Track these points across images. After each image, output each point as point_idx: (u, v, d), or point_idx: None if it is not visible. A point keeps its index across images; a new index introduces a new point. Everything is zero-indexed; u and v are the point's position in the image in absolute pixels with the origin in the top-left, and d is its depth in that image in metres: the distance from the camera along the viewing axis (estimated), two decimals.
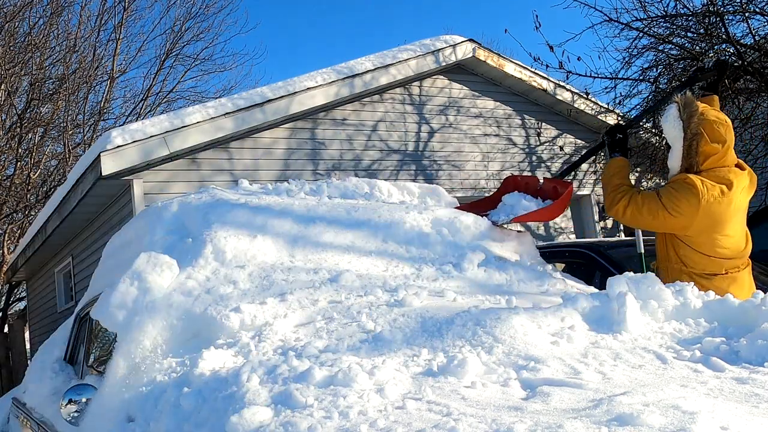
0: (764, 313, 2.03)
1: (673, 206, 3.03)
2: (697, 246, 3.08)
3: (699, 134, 3.06)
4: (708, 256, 3.08)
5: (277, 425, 1.53)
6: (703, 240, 3.07)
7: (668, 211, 3.03)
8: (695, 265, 3.09)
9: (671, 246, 3.16)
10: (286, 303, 2.44)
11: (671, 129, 3.14)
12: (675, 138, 3.14)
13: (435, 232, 3.05)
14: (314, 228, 2.98)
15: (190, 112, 6.92)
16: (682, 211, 3.02)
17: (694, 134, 3.07)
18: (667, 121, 3.16)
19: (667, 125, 3.16)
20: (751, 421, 1.34)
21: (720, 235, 3.08)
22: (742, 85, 7.90)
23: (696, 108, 3.11)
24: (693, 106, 3.12)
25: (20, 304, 17.75)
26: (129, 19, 16.35)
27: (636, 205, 3.12)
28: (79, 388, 2.63)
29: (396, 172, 8.08)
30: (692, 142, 3.08)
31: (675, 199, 3.04)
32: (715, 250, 3.08)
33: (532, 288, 2.79)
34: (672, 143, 3.17)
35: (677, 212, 3.03)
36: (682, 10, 7.64)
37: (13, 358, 12.11)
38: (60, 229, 8.73)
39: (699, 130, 3.06)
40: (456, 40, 8.47)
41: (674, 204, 3.03)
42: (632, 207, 3.13)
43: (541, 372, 1.74)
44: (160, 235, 2.98)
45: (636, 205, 3.12)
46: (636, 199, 3.14)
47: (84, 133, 15.42)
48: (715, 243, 3.08)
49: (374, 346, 2.00)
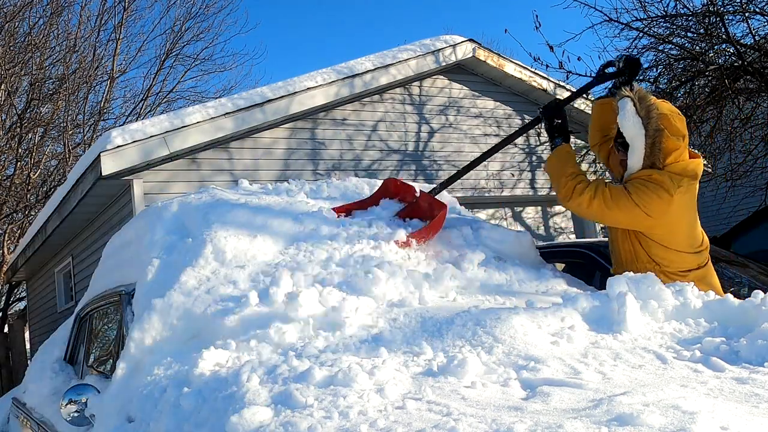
0: (764, 313, 2.03)
1: (644, 204, 2.88)
2: (669, 243, 2.97)
3: (661, 130, 2.90)
4: (682, 252, 2.98)
5: (277, 425, 1.53)
6: (675, 236, 2.97)
7: (640, 205, 2.88)
8: (670, 264, 2.98)
9: (640, 246, 3.01)
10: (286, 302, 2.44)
11: (631, 127, 2.91)
12: (635, 136, 2.92)
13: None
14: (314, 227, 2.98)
15: (190, 112, 6.92)
16: (653, 210, 2.89)
17: (656, 130, 2.89)
18: (624, 117, 2.91)
19: (626, 122, 2.91)
20: (751, 421, 1.34)
21: (691, 229, 3.01)
22: (742, 85, 7.90)
23: (652, 101, 2.94)
24: (648, 100, 2.94)
25: (20, 304, 17.75)
26: (129, 19, 16.37)
27: (604, 199, 2.93)
28: (79, 388, 2.63)
29: (396, 172, 8.08)
30: (655, 139, 2.90)
31: (646, 196, 2.88)
32: (688, 244, 2.99)
33: (532, 288, 2.79)
34: (632, 141, 2.94)
35: (648, 210, 2.89)
36: (682, 10, 7.65)
37: (13, 358, 12.11)
38: (60, 229, 8.73)
39: (659, 125, 2.90)
40: (456, 40, 8.47)
41: (645, 202, 2.88)
42: (599, 200, 2.93)
43: (541, 372, 1.74)
44: (160, 235, 2.97)
45: (604, 198, 2.93)
46: (604, 192, 2.94)
47: (84, 133, 15.43)
48: (687, 237, 3.00)
49: (374, 346, 2.00)
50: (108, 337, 3.27)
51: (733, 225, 8.00)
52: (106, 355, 3.18)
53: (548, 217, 9.41)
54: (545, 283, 2.86)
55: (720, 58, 7.98)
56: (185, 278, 2.62)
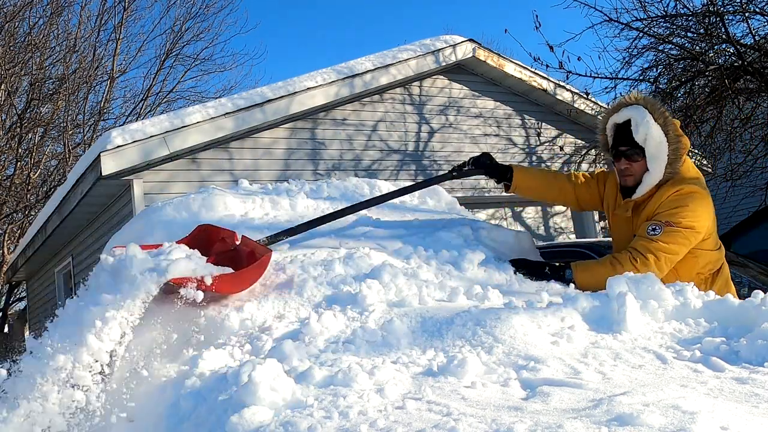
0: (764, 313, 2.02)
1: (697, 223, 2.77)
2: (708, 246, 2.91)
3: (680, 137, 2.83)
4: (713, 251, 2.95)
5: (277, 425, 1.53)
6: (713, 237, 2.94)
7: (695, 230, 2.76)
8: (714, 264, 2.93)
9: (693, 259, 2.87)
10: (286, 303, 2.44)
11: (656, 135, 2.80)
12: (659, 145, 2.80)
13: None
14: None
15: (190, 112, 6.93)
16: (704, 223, 2.80)
17: (676, 137, 2.82)
18: (649, 127, 2.79)
19: (652, 132, 2.79)
20: (751, 421, 1.34)
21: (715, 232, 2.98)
22: (742, 85, 7.91)
23: (660, 106, 2.86)
24: (659, 104, 2.87)
25: (20, 304, 17.75)
26: (129, 19, 16.41)
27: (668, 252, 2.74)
28: None
29: (396, 172, 8.08)
30: (677, 146, 2.82)
31: (691, 214, 2.77)
32: (715, 242, 2.96)
33: (532, 288, 2.79)
34: (656, 152, 2.81)
35: (701, 226, 2.79)
36: (682, 10, 7.65)
37: None
38: (60, 229, 8.73)
39: (677, 132, 2.82)
40: (456, 40, 8.47)
41: (697, 221, 2.78)
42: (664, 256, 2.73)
43: (541, 372, 1.74)
44: (159, 235, 2.97)
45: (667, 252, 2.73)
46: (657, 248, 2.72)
47: (84, 133, 15.44)
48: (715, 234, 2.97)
49: (374, 346, 2.00)
50: None
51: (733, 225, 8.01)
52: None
53: (548, 217, 9.41)
54: (545, 283, 2.85)
55: (720, 58, 7.98)
56: None
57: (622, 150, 2.89)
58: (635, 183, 2.90)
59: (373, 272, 2.54)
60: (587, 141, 9.30)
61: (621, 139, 2.90)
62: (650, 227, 2.78)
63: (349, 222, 3.18)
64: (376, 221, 3.24)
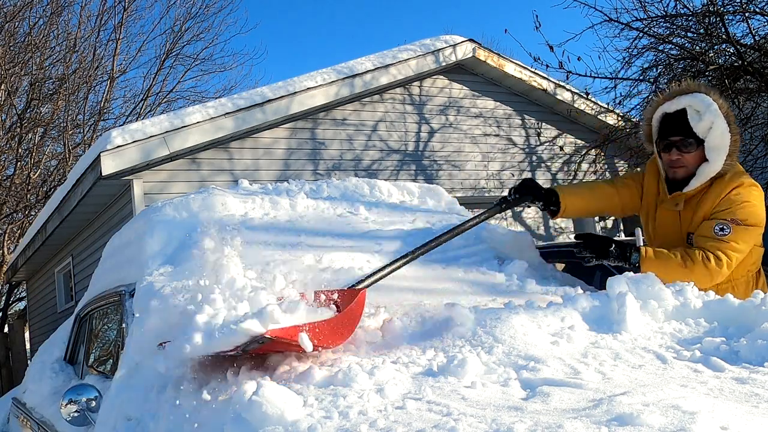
0: (764, 313, 2.02)
1: (761, 219, 2.70)
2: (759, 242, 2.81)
3: (737, 128, 2.73)
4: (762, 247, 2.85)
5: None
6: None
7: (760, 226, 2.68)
8: (758, 262, 2.84)
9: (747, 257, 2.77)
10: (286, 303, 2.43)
11: (721, 125, 2.68)
12: (722, 135, 2.69)
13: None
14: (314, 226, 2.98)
15: (190, 112, 6.93)
16: (764, 218, 2.72)
17: (736, 127, 2.72)
18: (717, 115, 2.67)
19: (719, 121, 2.68)
20: (751, 421, 1.34)
21: None
22: (742, 85, 7.90)
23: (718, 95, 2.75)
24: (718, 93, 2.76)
25: (20, 304, 17.75)
26: (129, 19, 16.39)
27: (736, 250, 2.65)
28: (79, 388, 2.63)
29: (396, 172, 8.09)
30: (737, 137, 2.72)
31: (754, 210, 2.68)
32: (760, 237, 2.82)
33: (532, 288, 2.79)
34: (720, 142, 2.70)
35: (764, 222, 2.71)
36: (682, 10, 7.65)
37: (13, 358, 12.12)
38: (60, 229, 8.74)
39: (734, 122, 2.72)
40: (456, 40, 8.47)
41: (758, 216, 2.69)
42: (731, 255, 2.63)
43: (541, 372, 1.74)
44: (159, 234, 2.97)
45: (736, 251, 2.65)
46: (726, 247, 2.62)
47: (84, 133, 15.44)
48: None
49: (374, 346, 2.00)
50: (108, 337, 3.27)
51: None
52: (106, 355, 3.18)
53: (548, 217, 9.40)
54: (545, 283, 2.85)
55: (720, 58, 7.98)
56: (185, 278, 2.61)
57: (674, 140, 2.74)
58: (687, 175, 2.77)
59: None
60: (587, 141, 9.30)
61: (672, 129, 2.75)
62: (717, 227, 2.65)
63: (347, 221, 3.18)
64: (375, 221, 3.24)
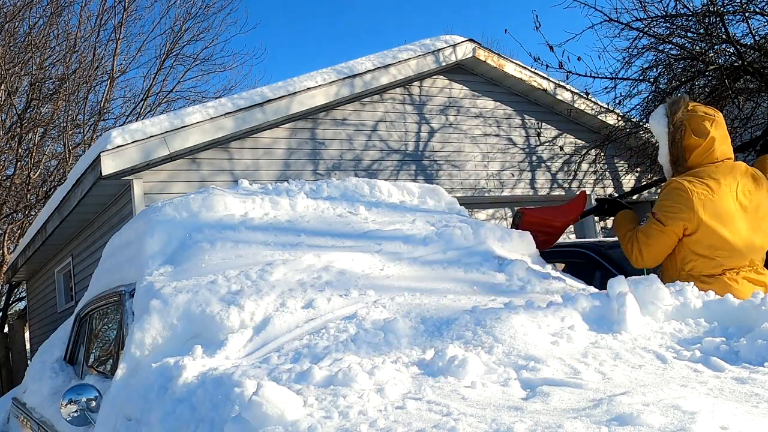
0: (764, 313, 2.02)
1: (671, 215, 3.02)
2: (693, 246, 3.01)
3: (683, 127, 3.14)
4: (704, 257, 2.99)
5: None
6: (700, 238, 2.99)
7: (666, 223, 3.02)
8: (693, 268, 3.03)
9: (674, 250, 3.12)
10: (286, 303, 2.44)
11: (656, 125, 3.26)
12: (660, 133, 3.25)
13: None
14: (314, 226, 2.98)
15: (190, 112, 6.92)
16: (682, 216, 3.00)
17: (676, 128, 3.17)
18: (654, 118, 3.29)
19: (653, 122, 3.28)
20: (751, 421, 1.34)
21: (719, 232, 2.98)
22: (742, 85, 7.90)
23: (682, 105, 3.21)
24: (680, 103, 3.22)
25: (20, 304, 17.75)
26: (129, 19, 16.35)
27: (641, 241, 3.12)
28: (79, 388, 2.63)
29: (396, 172, 8.08)
30: (675, 135, 3.17)
31: (669, 208, 3.03)
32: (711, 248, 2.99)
33: (532, 288, 2.79)
34: (658, 139, 3.28)
35: (678, 218, 3.00)
36: (682, 10, 7.64)
37: (13, 358, 12.11)
38: (60, 229, 8.73)
39: (683, 123, 3.14)
40: (456, 40, 8.47)
41: (671, 213, 3.02)
42: (639, 245, 3.13)
43: (541, 372, 1.74)
44: (159, 235, 2.97)
45: (640, 241, 3.12)
46: (637, 236, 3.14)
47: (84, 133, 15.42)
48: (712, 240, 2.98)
49: (374, 346, 2.00)
50: (108, 337, 3.27)
51: None
52: (106, 355, 3.18)
53: None
54: (545, 283, 2.85)
55: (720, 58, 7.97)
56: (185, 278, 2.62)
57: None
58: None
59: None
60: (587, 141, 9.30)
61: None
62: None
63: (347, 221, 3.18)
64: (375, 221, 3.24)
